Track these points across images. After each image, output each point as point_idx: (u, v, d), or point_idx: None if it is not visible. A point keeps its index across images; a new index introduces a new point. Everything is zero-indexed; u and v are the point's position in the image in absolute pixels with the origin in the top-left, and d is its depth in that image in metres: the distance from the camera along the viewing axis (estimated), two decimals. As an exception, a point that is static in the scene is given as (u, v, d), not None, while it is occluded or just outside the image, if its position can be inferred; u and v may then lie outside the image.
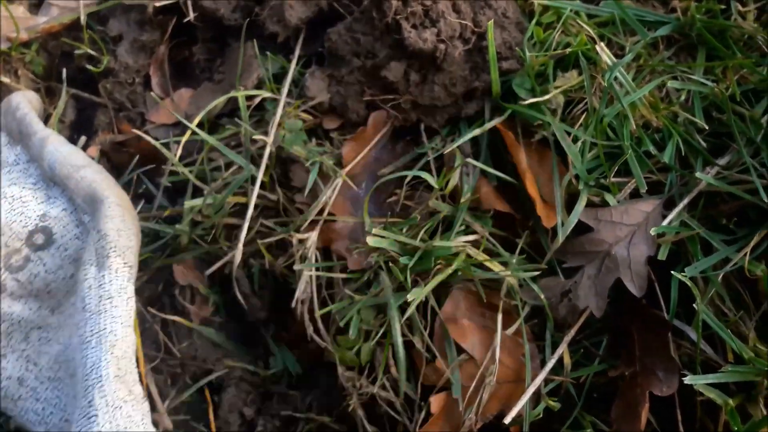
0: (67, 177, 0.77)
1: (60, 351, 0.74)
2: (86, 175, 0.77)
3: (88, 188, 0.77)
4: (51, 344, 0.75)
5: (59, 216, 0.78)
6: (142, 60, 0.93)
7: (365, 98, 0.82)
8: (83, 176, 0.77)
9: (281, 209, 0.83)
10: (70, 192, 0.78)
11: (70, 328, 0.74)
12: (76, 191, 0.77)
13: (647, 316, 0.72)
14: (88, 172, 0.78)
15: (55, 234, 0.78)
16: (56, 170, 0.77)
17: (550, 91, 0.76)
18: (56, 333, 0.76)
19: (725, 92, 0.73)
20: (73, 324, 0.73)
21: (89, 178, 0.77)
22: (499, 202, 0.78)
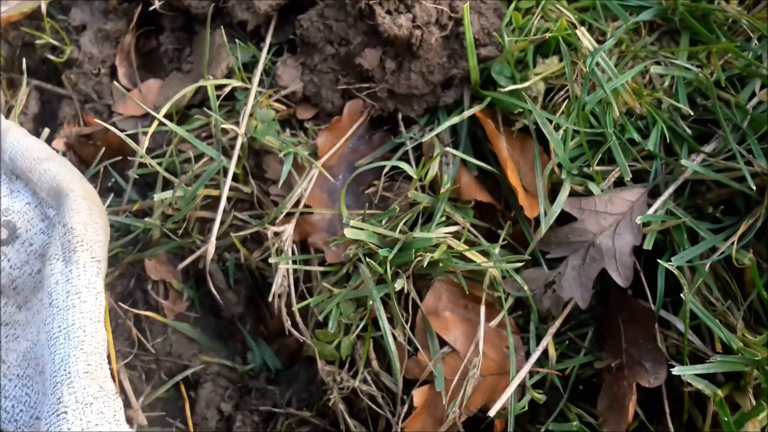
0: (29, 170, 0.74)
1: (28, 348, 0.71)
2: (50, 168, 0.74)
3: (52, 181, 0.73)
4: (19, 341, 0.72)
5: (23, 210, 0.75)
6: (107, 50, 0.90)
7: (340, 87, 0.80)
8: (47, 169, 0.74)
9: (255, 202, 0.80)
10: (34, 185, 0.75)
11: (37, 325, 0.71)
12: (39, 185, 0.74)
13: (633, 307, 0.71)
14: (51, 164, 0.74)
15: (20, 229, 0.75)
16: (18, 163, 0.74)
17: (530, 78, 0.75)
18: (24, 330, 0.73)
19: (710, 78, 0.72)
20: (40, 320, 0.70)
21: (53, 170, 0.74)
22: (481, 192, 0.76)
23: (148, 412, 0.78)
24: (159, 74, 0.92)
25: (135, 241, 0.83)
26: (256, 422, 0.78)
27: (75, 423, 0.61)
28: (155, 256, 0.82)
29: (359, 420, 0.74)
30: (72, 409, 0.62)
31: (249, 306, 0.83)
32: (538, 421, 0.74)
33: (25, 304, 0.74)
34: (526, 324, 0.74)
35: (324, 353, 0.73)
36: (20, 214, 0.74)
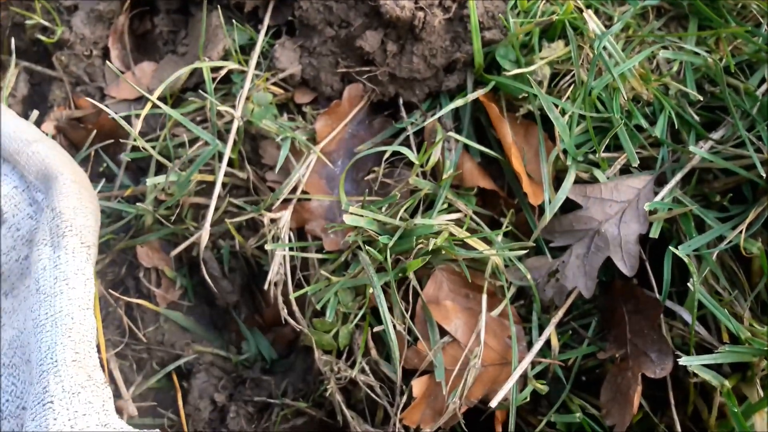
0: (17, 152, 0.72)
1: (14, 336, 0.69)
2: (38, 150, 0.72)
3: (41, 164, 0.71)
4: (5, 329, 0.70)
5: (10, 194, 0.72)
6: (100, 31, 0.87)
7: (339, 70, 0.78)
8: (35, 151, 0.72)
9: (251, 187, 0.78)
10: (21, 168, 0.72)
11: (24, 312, 0.70)
12: (27, 168, 0.72)
13: (638, 297, 0.69)
14: (40, 147, 0.72)
15: (6, 213, 0.72)
16: (5, 145, 0.72)
17: (535, 62, 0.73)
18: (10, 317, 0.71)
19: (719, 63, 0.70)
20: (27, 307, 0.68)
21: (42, 153, 0.72)
22: (483, 178, 0.74)
23: (139, 402, 0.76)
24: (153, 57, 0.89)
25: (127, 227, 0.81)
26: (250, 413, 0.76)
27: (61, 413, 0.59)
28: (147, 243, 0.80)
29: (356, 411, 0.72)
30: (58, 399, 0.60)
31: (244, 294, 0.81)
32: (539, 412, 0.72)
33: (12, 291, 0.72)
34: (528, 314, 0.73)
35: (321, 343, 0.71)
36: (7, 198, 0.72)
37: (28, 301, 0.68)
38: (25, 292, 0.71)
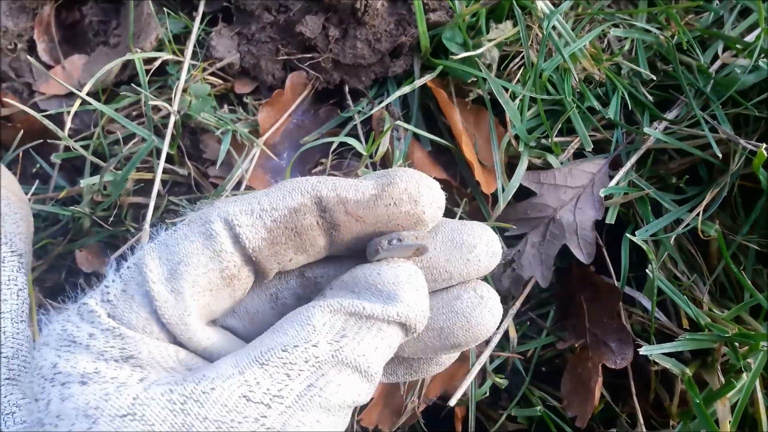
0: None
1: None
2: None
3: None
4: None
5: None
6: (24, 23, 0.82)
7: (280, 58, 0.74)
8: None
9: (193, 184, 0.74)
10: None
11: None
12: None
13: (596, 284, 0.67)
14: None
15: (-74, 225, 0.68)
16: None
17: (483, 45, 0.70)
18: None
19: (671, 40, 0.68)
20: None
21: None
22: (435, 168, 0.71)
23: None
24: (84, 49, 0.84)
25: (64, 230, 0.77)
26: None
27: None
28: (86, 247, 0.76)
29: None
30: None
31: (191, 296, 0.77)
32: (500, 406, 0.70)
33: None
34: (485, 306, 0.70)
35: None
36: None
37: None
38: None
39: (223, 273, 0.40)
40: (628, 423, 0.67)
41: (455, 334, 0.43)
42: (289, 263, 0.43)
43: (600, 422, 0.68)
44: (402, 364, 0.48)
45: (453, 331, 0.43)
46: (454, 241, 0.43)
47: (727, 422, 0.59)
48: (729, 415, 0.59)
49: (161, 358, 0.41)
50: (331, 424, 0.37)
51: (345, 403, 0.37)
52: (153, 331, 0.40)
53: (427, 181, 0.42)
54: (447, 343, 0.43)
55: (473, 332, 0.42)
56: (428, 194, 0.42)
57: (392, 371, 0.48)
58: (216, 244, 0.40)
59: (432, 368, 0.48)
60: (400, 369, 0.48)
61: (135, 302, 0.40)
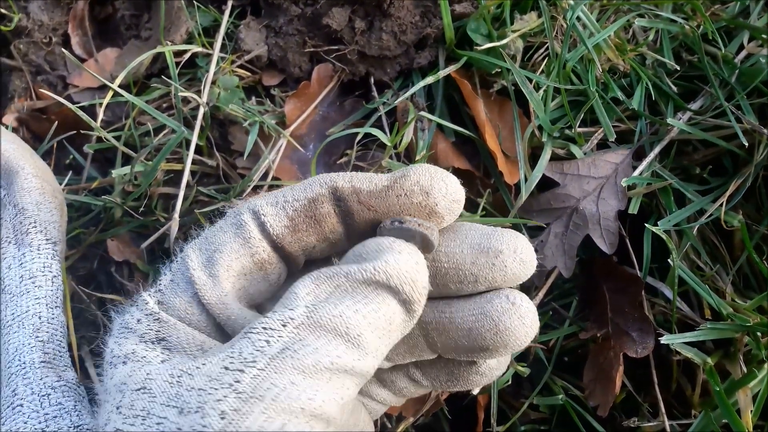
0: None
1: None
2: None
3: (1, 159, 0.69)
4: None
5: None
6: (59, 17, 0.84)
7: (307, 50, 0.75)
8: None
9: (221, 175, 0.76)
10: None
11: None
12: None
13: (619, 275, 0.68)
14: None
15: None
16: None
17: (507, 36, 0.70)
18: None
19: (696, 30, 0.68)
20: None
21: (1, 148, 0.69)
22: (458, 158, 0.72)
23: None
24: (116, 43, 0.86)
25: (96, 220, 0.79)
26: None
27: (32, 416, 0.58)
28: (117, 236, 0.78)
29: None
30: (28, 402, 0.58)
31: (219, 285, 0.79)
32: (522, 395, 0.71)
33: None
34: (508, 295, 0.71)
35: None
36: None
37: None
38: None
39: (254, 258, 0.45)
40: (650, 412, 0.67)
41: (483, 337, 0.44)
42: (314, 251, 0.46)
43: (622, 411, 0.68)
44: (443, 370, 0.49)
45: (481, 333, 0.44)
46: (482, 245, 0.44)
47: (749, 412, 0.59)
48: (751, 404, 0.59)
49: (187, 345, 0.45)
50: (310, 386, 0.37)
51: (320, 364, 0.37)
52: (194, 313, 0.44)
53: (442, 174, 0.44)
54: (475, 345, 0.44)
55: (501, 337, 0.43)
56: (441, 186, 0.43)
57: (435, 377, 0.50)
58: (245, 232, 0.45)
59: (474, 377, 0.49)
60: (442, 375, 0.49)
61: (179, 288, 0.45)
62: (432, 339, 0.46)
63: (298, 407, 0.36)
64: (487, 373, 0.48)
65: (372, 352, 0.39)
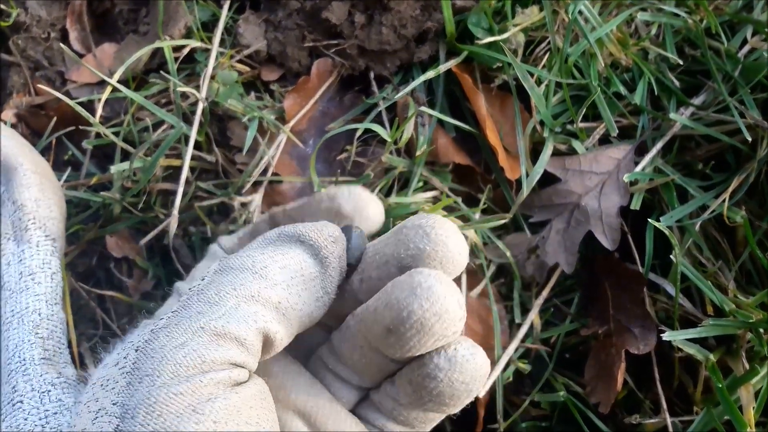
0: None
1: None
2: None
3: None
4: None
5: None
6: (57, 12, 0.84)
7: (306, 45, 0.75)
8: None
9: (220, 171, 0.75)
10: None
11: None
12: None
13: (621, 271, 0.67)
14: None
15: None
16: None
17: (509, 30, 0.70)
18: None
19: (699, 24, 0.67)
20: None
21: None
22: (459, 154, 0.71)
23: (117, 395, 0.74)
24: (114, 38, 0.85)
25: (95, 216, 0.78)
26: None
27: (32, 412, 0.58)
28: (117, 233, 0.77)
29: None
30: (28, 398, 0.58)
31: (218, 281, 0.79)
32: (523, 391, 0.71)
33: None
34: (508, 292, 0.71)
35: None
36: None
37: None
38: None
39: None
40: (652, 409, 0.67)
41: (383, 315, 0.40)
42: None
43: (624, 408, 0.68)
44: (405, 379, 0.43)
45: (381, 311, 0.40)
46: (395, 229, 0.44)
47: (751, 408, 0.59)
48: (753, 401, 0.59)
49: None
50: (214, 311, 0.39)
51: (222, 292, 0.39)
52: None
53: (348, 186, 0.52)
54: (380, 323, 0.40)
55: (394, 311, 0.39)
56: (343, 192, 0.51)
57: (403, 390, 0.43)
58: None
59: (427, 382, 0.41)
60: (407, 386, 0.43)
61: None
62: (365, 335, 0.42)
63: (198, 326, 0.38)
64: (438, 375, 0.40)
65: (281, 284, 0.40)
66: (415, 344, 0.39)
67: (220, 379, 0.37)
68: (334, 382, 0.46)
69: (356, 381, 0.46)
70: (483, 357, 0.41)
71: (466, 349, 0.41)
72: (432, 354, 0.41)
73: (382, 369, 0.44)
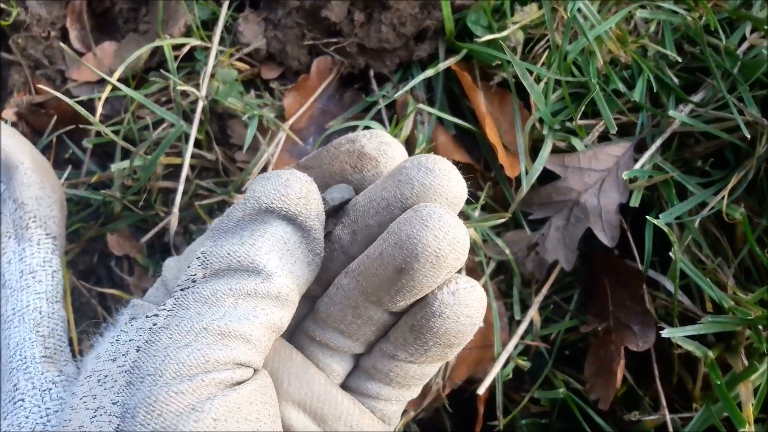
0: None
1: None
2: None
3: (0, 154, 0.69)
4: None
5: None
6: (57, 11, 0.84)
7: (306, 43, 0.75)
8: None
9: (220, 169, 0.75)
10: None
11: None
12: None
13: (620, 268, 0.68)
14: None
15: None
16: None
17: (508, 28, 0.70)
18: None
19: (698, 21, 0.67)
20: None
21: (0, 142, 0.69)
22: (458, 151, 0.72)
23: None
24: (114, 36, 0.86)
25: (96, 214, 0.78)
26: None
27: (33, 410, 0.58)
28: (117, 231, 0.77)
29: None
30: (29, 396, 0.59)
31: (219, 279, 0.79)
32: (523, 388, 0.71)
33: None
34: (508, 289, 0.71)
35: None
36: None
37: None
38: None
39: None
40: (651, 406, 0.67)
41: (391, 255, 0.39)
42: None
43: (623, 405, 0.68)
44: (405, 328, 0.42)
45: (389, 251, 0.39)
46: (392, 172, 0.43)
47: (750, 405, 0.59)
48: (752, 398, 0.59)
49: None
50: (215, 312, 0.38)
51: (219, 292, 0.39)
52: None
53: (369, 129, 0.46)
54: (389, 267, 0.39)
55: (406, 247, 0.38)
56: (365, 133, 0.45)
57: (403, 340, 0.43)
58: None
59: (434, 322, 0.41)
60: (408, 335, 0.42)
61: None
62: (364, 288, 0.41)
63: (201, 327, 0.37)
64: (445, 312, 0.40)
65: (275, 272, 0.39)
66: (426, 281, 0.39)
67: (222, 378, 0.37)
68: (323, 355, 0.45)
69: (347, 347, 0.44)
70: (480, 288, 0.41)
71: (466, 281, 0.40)
72: (434, 293, 0.40)
73: (377, 326, 0.43)
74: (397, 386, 0.45)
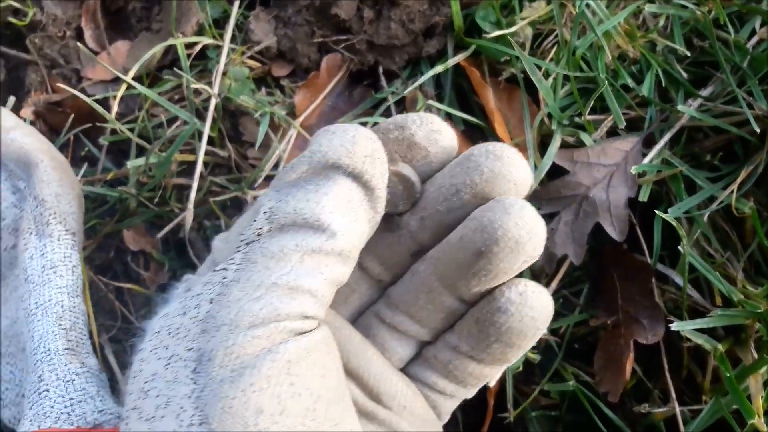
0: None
1: (8, 325, 0.70)
2: (15, 138, 0.71)
3: (20, 152, 0.70)
4: (0, 319, 0.71)
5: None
6: (72, 11, 0.85)
7: (316, 40, 0.76)
8: (12, 139, 0.71)
9: (233, 165, 0.77)
10: (1, 157, 0.72)
11: (15, 302, 0.70)
12: (6, 155, 0.71)
13: (629, 262, 0.68)
14: (17, 134, 0.71)
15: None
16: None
17: (516, 23, 0.70)
18: (3, 307, 0.71)
19: (707, 15, 0.67)
20: (18, 297, 0.69)
21: (19, 141, 0.71)
22: (467, 147, 0.71)
23: (135, 385, 0.76)
24: (128, 35, 0.87)
25: (112, 211, 0.80)
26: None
27: (57, 400, 0.60)
28: (133, 227, 0.79)
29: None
30: (53, 387, 0.61)
31: (233, 273, 0.80)
32: (532, 381, 0.72)
33: (3, 281, 0.72)
34: (518, 283, 0.71)
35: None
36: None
37: (19, 290, 0.68)
38: (15, 282, 0.71)
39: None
40: (661, 398, 0.67)
41: (472, 239, 0.41)
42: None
43: (632, 397, 0.69)
44: (470, 320, 0.44)
45: (470, 236, 0.41)
46: (459, 160, 0.44)
47: (760, 398, 0.59)
48: (761, 390, 0.59)
49: None
50: (282, 267, 0.39)
51: (286, 248, 0.39)
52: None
53: (417, 113, 0.46)
54: (469, 251, 0.41)
55: (488, 232, 0.40)
56: (414, 118, 0.45)
57: (467, 332, 0.45)
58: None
59: (498, 317, 0.42)
60: (472, 327, 0.44)
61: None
62: (441, 273, 0.43)
63: (270, 282, 0.38)
64: (510, 309, 0.42)
65: (339, 230, 0.40)
66: (503, 267, 0.41)
67: (293, 327, 0.39)
68: (390, 338, 0.46)
69: (415, 332, 0.46)
70: (549, 296, 0.42)
71: (535, 285, 0.42)
72: (502, 288, 0.42)
73: (447, 314, 0.45)
74: (454, 381, 0.46)
